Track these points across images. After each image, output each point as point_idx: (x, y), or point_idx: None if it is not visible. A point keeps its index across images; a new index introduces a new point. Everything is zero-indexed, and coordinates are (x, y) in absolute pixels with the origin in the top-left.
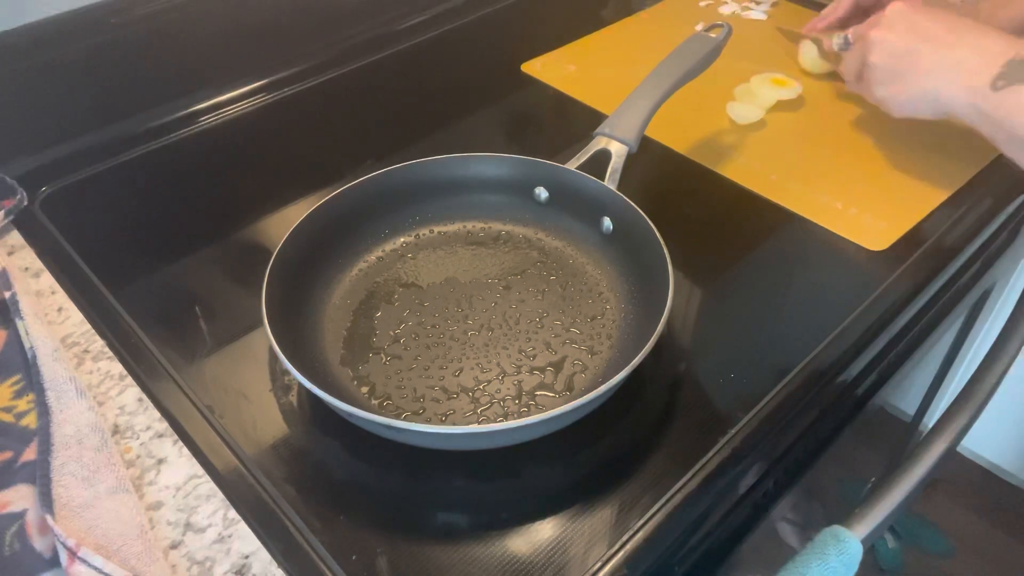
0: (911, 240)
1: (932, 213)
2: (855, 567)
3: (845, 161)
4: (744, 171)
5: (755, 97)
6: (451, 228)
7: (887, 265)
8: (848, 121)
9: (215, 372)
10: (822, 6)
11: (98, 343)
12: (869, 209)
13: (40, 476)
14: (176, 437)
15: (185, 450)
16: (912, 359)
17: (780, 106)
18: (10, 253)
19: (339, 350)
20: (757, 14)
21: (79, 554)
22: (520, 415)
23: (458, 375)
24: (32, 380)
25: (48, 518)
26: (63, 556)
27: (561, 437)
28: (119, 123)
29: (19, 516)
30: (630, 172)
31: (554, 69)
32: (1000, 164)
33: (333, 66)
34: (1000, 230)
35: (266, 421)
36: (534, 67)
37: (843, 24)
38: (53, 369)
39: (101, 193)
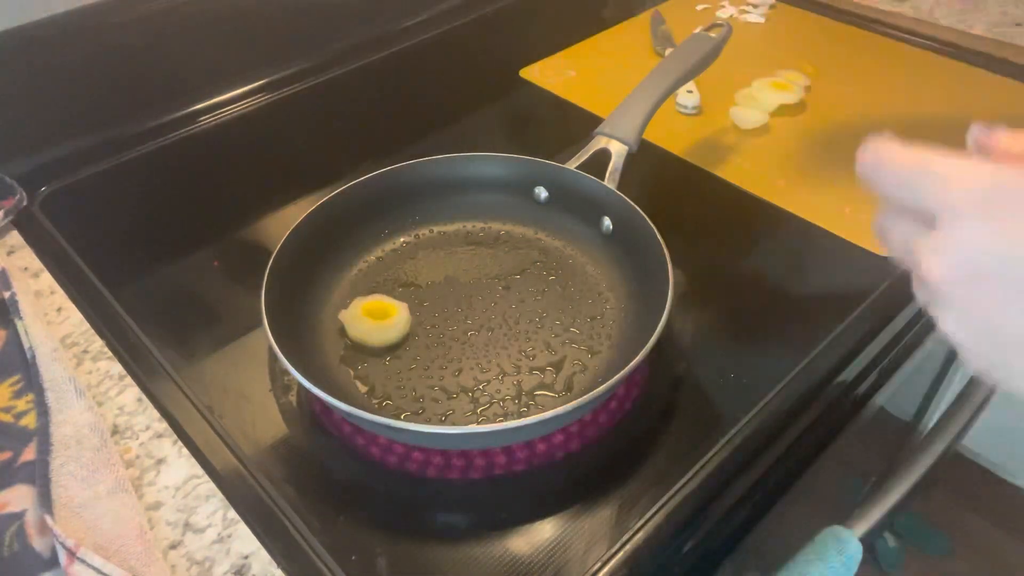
0: None
1: None
2: (855, 567)
3: (850, 165)
4: (747, 175)
5: (757, 101)
6: (451, 228)
7: (887, 267)
8: (851, 125)
9: (215, 372)
10: (821, 6)
11: (97, 343)
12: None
13: (39, 476)
14: (175, 437)
15: (184, 450)
16: (912, 360)
17: (782, 110)
18: (10, 253)
19: (339, 350)
20: (755, 17)
21: (78, 554)
22: (520, 415)
23: (458, 375)
24: (31, 380)
25: (47, 518)
26: (62, 556)
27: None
28: (119, 123)
29: (18, 516)
30: (631, 175)
31: (552, 74)
32: None
33: (333, 66)
34: None
35: (266, 421)
36: (532, 72)
37: None
38: (52, 369)
39: (101, 193)
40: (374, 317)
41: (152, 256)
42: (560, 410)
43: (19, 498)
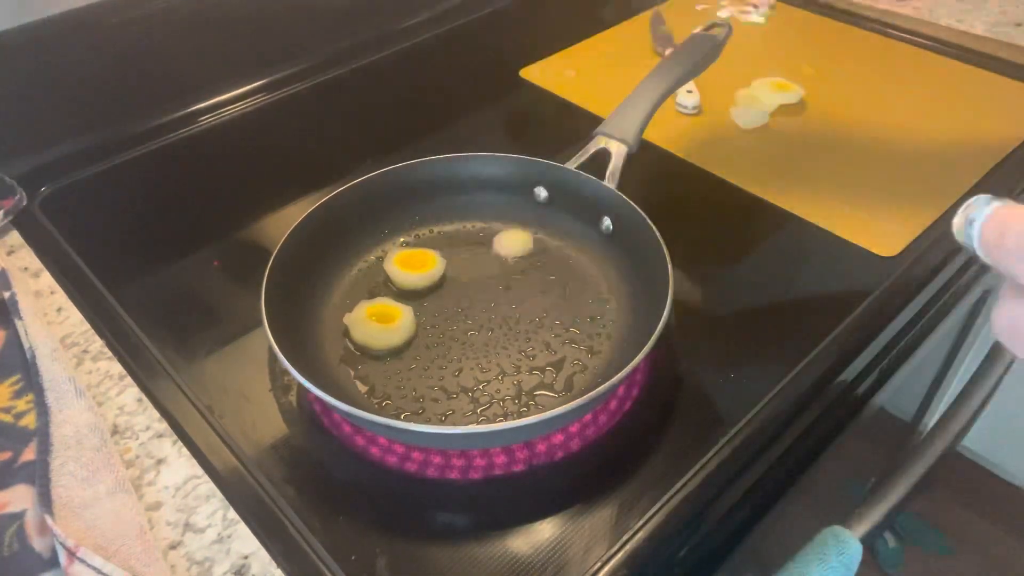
0: (918, 244)
1: (941, 217)
2: (855, 567)
3: (850, 166)
4: (747, 175)
5: (757, 101)
6: (451, 228)
7: (887, 267)
8: (851, 125)
9: (215, 372)
10: (821, 6)
11: (97, 343)
12: (877, 214)
13: (39, 476)
14: (176, 437)
15: (184, 450)
16: (912, 360)
17: (782, 110)
18: (10, 253)
19: (339, 350)
20: (755, 18)
21: (78, 554)
22: (520, 415)
23: (458, 375)
24: (31, 380)
25: (47, 518)
26: (62, 556)
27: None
28: (119, 123)
29: (18, 516)
30: (631, 175)
31: (553, 74)
32: (1006, 166)
33: (333, 66)
34: None
35: (266, 421)
36: (533, 72)
37: None
38: (52, 369)
39: (101, 193)
40: (379, 320)
41: (152, 256)
42: (560, 410)
43: (19, 498)
